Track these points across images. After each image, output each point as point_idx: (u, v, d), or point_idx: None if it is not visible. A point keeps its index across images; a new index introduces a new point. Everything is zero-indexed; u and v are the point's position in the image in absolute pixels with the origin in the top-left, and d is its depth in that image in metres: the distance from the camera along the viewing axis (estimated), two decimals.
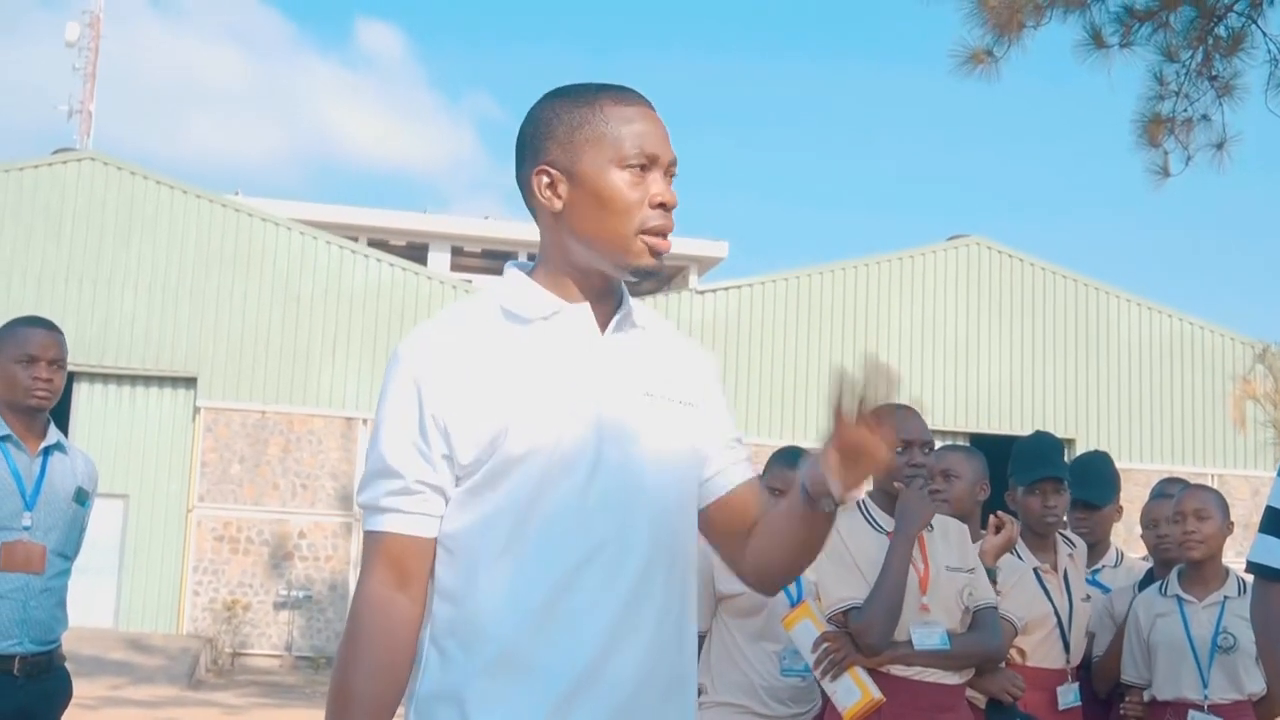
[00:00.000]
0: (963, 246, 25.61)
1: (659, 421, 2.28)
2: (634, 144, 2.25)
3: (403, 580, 2.19)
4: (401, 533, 2.20)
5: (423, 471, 2.19)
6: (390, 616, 2.17)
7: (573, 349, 2.25)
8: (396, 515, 2.20)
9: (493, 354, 2.21)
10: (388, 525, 2.20)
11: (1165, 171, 9.87)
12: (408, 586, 2.19)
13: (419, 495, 2.19)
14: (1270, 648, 2.74)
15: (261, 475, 22.61)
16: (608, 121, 2.26)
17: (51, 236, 22.31)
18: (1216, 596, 4.77)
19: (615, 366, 2.27)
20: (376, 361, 22.56)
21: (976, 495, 4.95)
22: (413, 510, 2.19)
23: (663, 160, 2.27)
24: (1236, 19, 9.50)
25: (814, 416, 23.96)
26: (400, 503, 2.19)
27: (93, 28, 36.71)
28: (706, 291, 24.89)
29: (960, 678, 4.15)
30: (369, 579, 2.20)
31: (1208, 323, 26.33)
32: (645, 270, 2.28)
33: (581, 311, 2.28)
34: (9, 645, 4.34)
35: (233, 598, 22.30)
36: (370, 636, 2.16)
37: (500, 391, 2.19)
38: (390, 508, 2.20)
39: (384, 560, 2.20)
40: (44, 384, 4.49)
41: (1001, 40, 9.39)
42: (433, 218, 41.36)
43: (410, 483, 2.19)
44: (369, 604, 2.18)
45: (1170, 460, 24.87)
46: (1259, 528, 2.77)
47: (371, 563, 2.21)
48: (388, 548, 2.20)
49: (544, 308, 2.26)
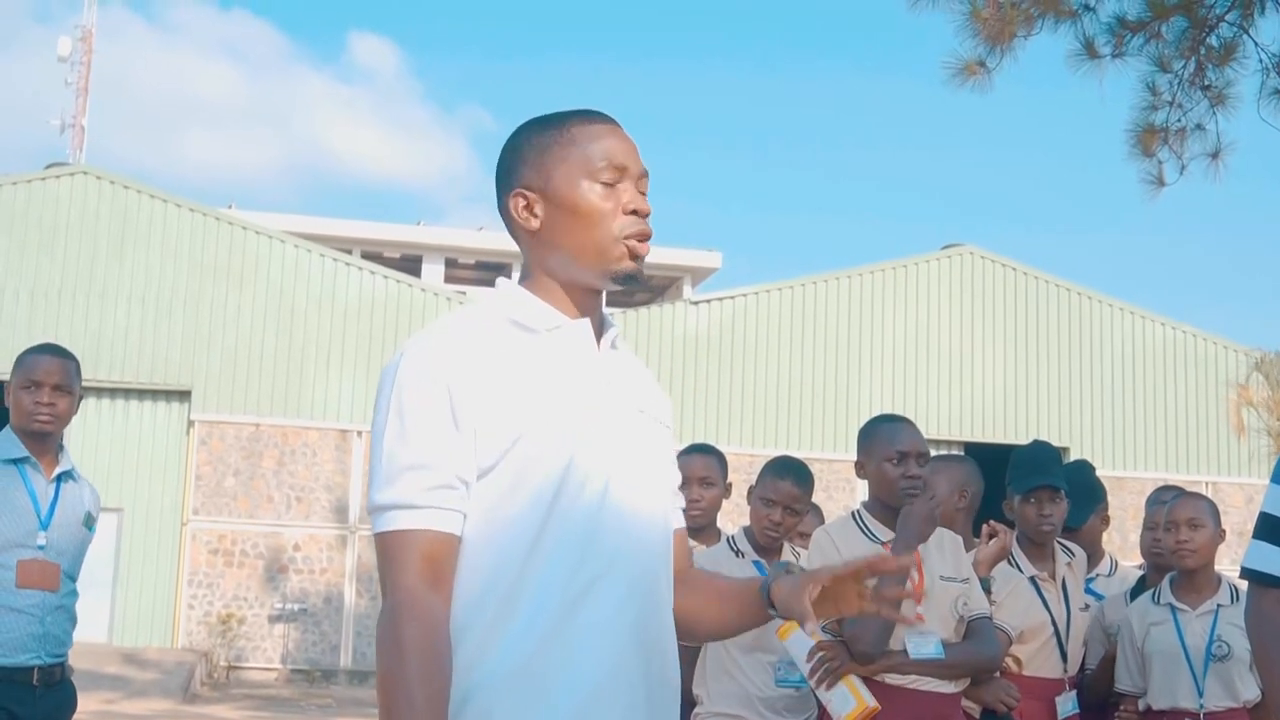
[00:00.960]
0: (957, 256, 25.64)
1: (652, 439, 2.36)
2: (601, 157, 2.31)
3: (437, 580, 2.11)
4: (439, 529, 2.12)
5: (460, 467, 2.14)
6: (434, 621, 2.08)
7: (579, 362, 2.28)
8: (434, 512, 2.12)
9: (511, 359, 2.22)
10: (424, 522, 2.11)
11: (1160, 181, 9.88)
12: (441, 587, 2.11)
13: (456, 491, 2.14)
14: (1265, 654, 2.74)
15: (256, 488, 22.59)
16: (575, 140, 2.32)
17: (45, 251, 22.31)
18: (1210, 604, 4.78)
19: (614, 382, 2.32)
20: (371, 373, 22.55)
21: (956, 503, 4.93)
22: (450, 506, 2.13)
23: (632, 172, 2.33)
24: (1228, 29, 9.52)
25: (808, 427, 23.97)
26: (438, 498, 2.12)
27: (85, 42, 36.71)
28: (700, 302, 24.90)
29: (956, 687, 4.16)
30: (405, 578, 2.09)
31: (1203, 331, 26.37)
32: (626, 275, 2.31)
33: (582, 327, 2.31)
34: (29, 658, 4.53)
35: (227, 611, 22.26)
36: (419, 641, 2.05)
37: (520, 395, 2.19)
38: (427, 504, 2.12)
39: (419, 558, 2.10)
40: (46, 408, 4.63)
41: (994, 51, 9.40)
42: (426, 230, 41.36)
43: (449, 477, 2.13)
44: (413, 605, 2.07)
45: (1166, 468, 24.89)
46: (1253, 534, 2.77)
47: (405, 561, 2.10)
48: (424, 545, 2.11)
49: (549, 320, 2.29)
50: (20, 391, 4.63)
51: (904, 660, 4.05)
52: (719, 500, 5.29)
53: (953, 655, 4.12)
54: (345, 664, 22.69)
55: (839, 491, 23.02)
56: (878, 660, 4.03)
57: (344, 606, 22.83)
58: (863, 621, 4.01)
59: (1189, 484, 22.06)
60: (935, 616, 4.14)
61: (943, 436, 23.97)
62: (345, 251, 27.31)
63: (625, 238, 2.28)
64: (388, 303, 23.38)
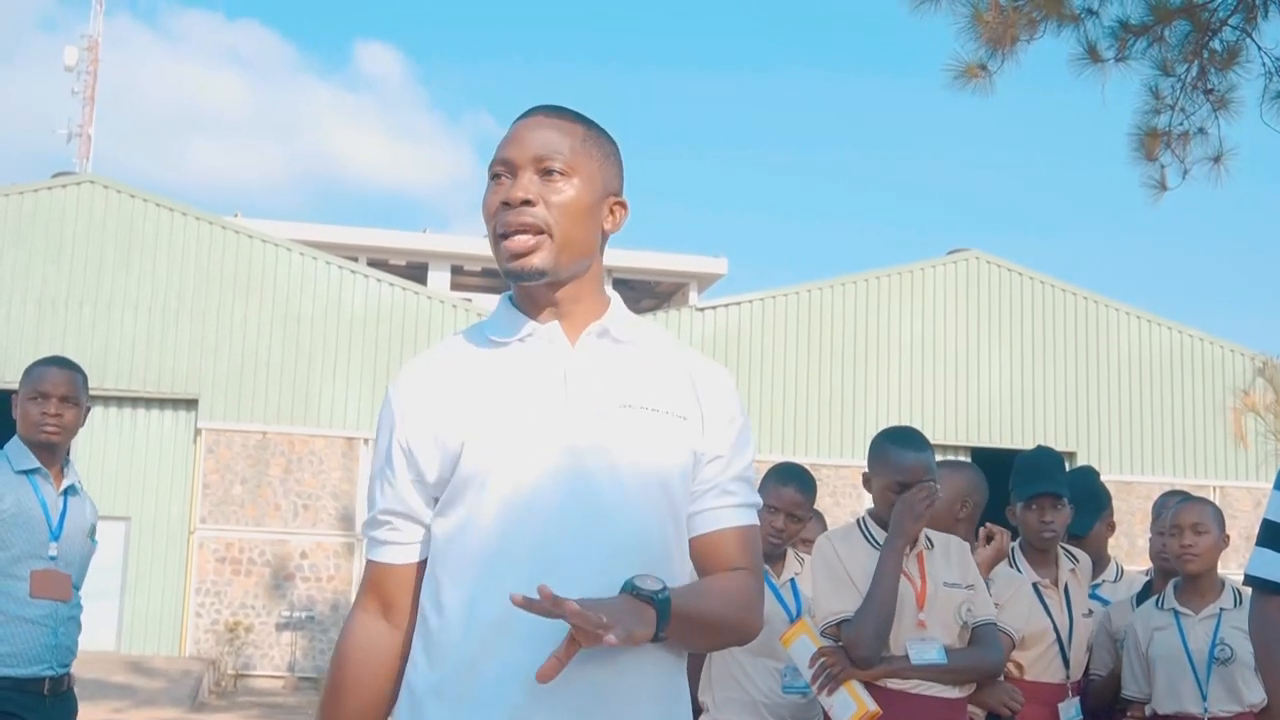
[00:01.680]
0: (962, 260, 25.63)
1: (636, 433, 2.25)
2: (496, 155, 2.31)
3: (385, 607, 2.32)
4: (379, 561, 2.34)
5: (390, 500, 2.30)
6: (368, 640, 2.32)
7: (540, 367, 2.27)
8: (375, 545, 2.34)
9: (460, 377, 2.27)
10: (371, 554, 2.36)
11: (1162, 185, 9.89)
12: (389, 613, 2.32)
13: (387, 525, 2.31)
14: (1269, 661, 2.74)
15: (263, 496, 22.61)
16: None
17: (51, 260, 22.34)
18: (1213, 609, 4.78)
19: (585, 380, 2.26)
20: (377, 381, 22.57)
21: (956, 512, 4.90)
22: (386, 540, 2.32)
23: (518, 160, 2.28)
24: (1231, 33, 9.53)
25: (814, 432, 23.96)
26: (378, 533, 2.33)
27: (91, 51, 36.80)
28: (706, 308, 24.90)
29: (960, 692, 4.15)
30: (355, 606, 2.36)
31: (1208, 335, 26.34)
32: (509, 273, 2.27)
33: (551, 330, 2.29)
34: (41, 669, 4.59)
35: (235, 619, 22.28)
36: (348, 659, 2.32)
37: (460, 412, 2.24)
38: (371, 538, 2.35)
39: (368, 588, 2.35)
40: (53, 419, 4.70)
41: (995, 54, 9.41)
42: (432, 237, 41.40)
43: (378, 513, 2.33)
44: (350, 630, 2.33)
45: (1171, 473, 24.87)
46: (1256, 540, 2.77)
47: (360, 590, 2.38)
48: (371, 576, 2.35)
49: (517, 329, 2.30)
50: (28, 402, 4.69)
51: (906, 665, 4.05)
52: None
53: (955, 661, 4.10)
54: None
55: (845, 497, 23.01)
56: (877, 665, 4.02)
57: None
58: (859, 623, 4.01)
59: (1196, 488, 22.04)
60: (938, 622, 4.13)
61: (948, 441, 23.96)
62: (351, 259, 27.35)
63: (500, 236, 2.27)
64: (394, 310, 23.40)
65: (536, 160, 2.26)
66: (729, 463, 2.33)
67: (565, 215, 2.25)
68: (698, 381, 2.34)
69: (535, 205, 2.24)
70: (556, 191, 2.25)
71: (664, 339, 2.41)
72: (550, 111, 2.33)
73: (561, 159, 2.26)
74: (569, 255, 2.26)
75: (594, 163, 2.31)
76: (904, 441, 4.20)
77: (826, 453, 23.62)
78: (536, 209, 2.24)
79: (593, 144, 2.32)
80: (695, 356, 2.41)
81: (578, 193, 2.27)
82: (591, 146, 2.32)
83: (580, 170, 2.28)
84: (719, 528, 2.31)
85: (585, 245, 2.29)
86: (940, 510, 4.78)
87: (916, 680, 4.05)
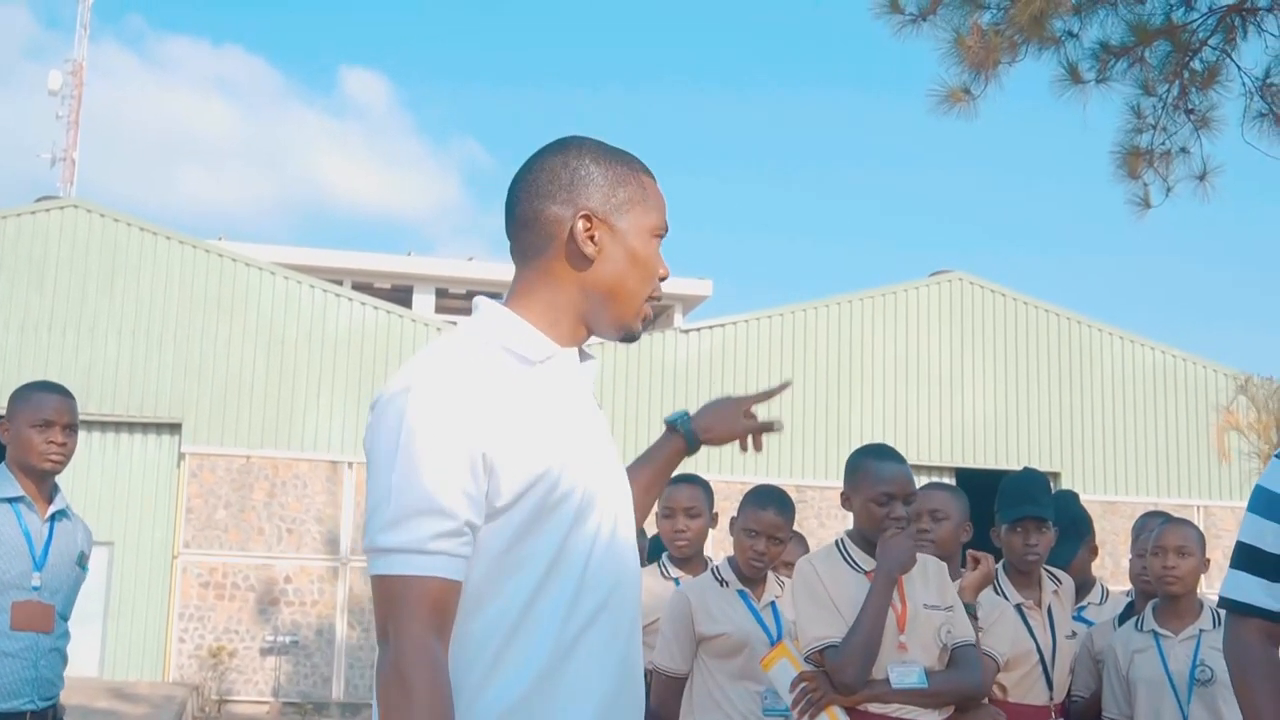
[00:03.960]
0: (946, 282, 25.69)
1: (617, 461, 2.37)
2: (663, 217, 2.35)
3: (442, 628, 2.08)
4: (448, 577, 2.08)
5: (472, 512, 2.10)
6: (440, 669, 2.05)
7: (573, 393, 2.28)
8: (445, 559, 2.08)
9: (522, 395, 2.18)
10: (434, 569, 2.07)
11: (1146, 203, 9.93)
12: (445, 635, 2.08)
13: (464, 538, 2.10)
14: (1244, 683, 2.75)
15: (247, 520, 22.53)
16: (646, 189, 2.35)
17: (35, 284, 22.28)
18: (1192, 630, 4.78)
19: (597, 416, 2.34)
20: (362, 404, 22.52)
21: (960, 536, 4.94)
22: (458, 553, 2.09)
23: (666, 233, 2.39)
24: (1211, 53, 9.57)
25: (799, 454, 23.96)
26: (448, 544, 2.08)
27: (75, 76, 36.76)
28: (691, 330, 24.91)
29: (940, 715, 4.13)
30: (413, 625, 2.04)
31: (1190, 354, 26.41)
32: (633, 335, 2.38)
33: (570, 356, 2.31)
34: (20, 703, 4.48)
35: (219, 644, 22.17)
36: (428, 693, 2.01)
37: (539, 432, 2.16)
38: (438, 550, 2.07)
39: (428, 606, 2.06)
40: (58, 448, 4.66)
41: (978, 78, 9.44)
42: (417, 260, 41.38)
43: (461, 524, 2.09)
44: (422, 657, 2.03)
45: (1157, 493, 24.90)
46: (1230, 563, 2.78)
47: (413, 607, 2.05)
48: (434, 592, 2.06)
49: (542, 350, 2.26)
50: (30, 430, 4.60)
51: (887, 690, 4.03)
52: (705, 531, 5.29)
53: (936, 684, 4.09)
54: (337, 696, 22.59)
55: (830, 518, 23.00)
56: (860, 690, 4.01)
57: (336, 639, 22.75)
58: (845, 651, 4.00)
59: (1180, 508, 22.08)
60: (918, 645, 4.11)
61: (933, 462, 23.98)
62: (336, 282, 27.31)
63: (650, 297, 2.36)
64: (378, 333, 23.36)
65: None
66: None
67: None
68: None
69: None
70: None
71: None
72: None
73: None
74: None
75: None
76: (883, 455, 4.23)
77: (811, 474, 23.62)
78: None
79: None
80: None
81: None
82: None
83: None
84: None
85: None
86: (948, 535, 4.79)
87: (897, 704, 4.04)
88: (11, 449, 4.63)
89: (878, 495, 4.13)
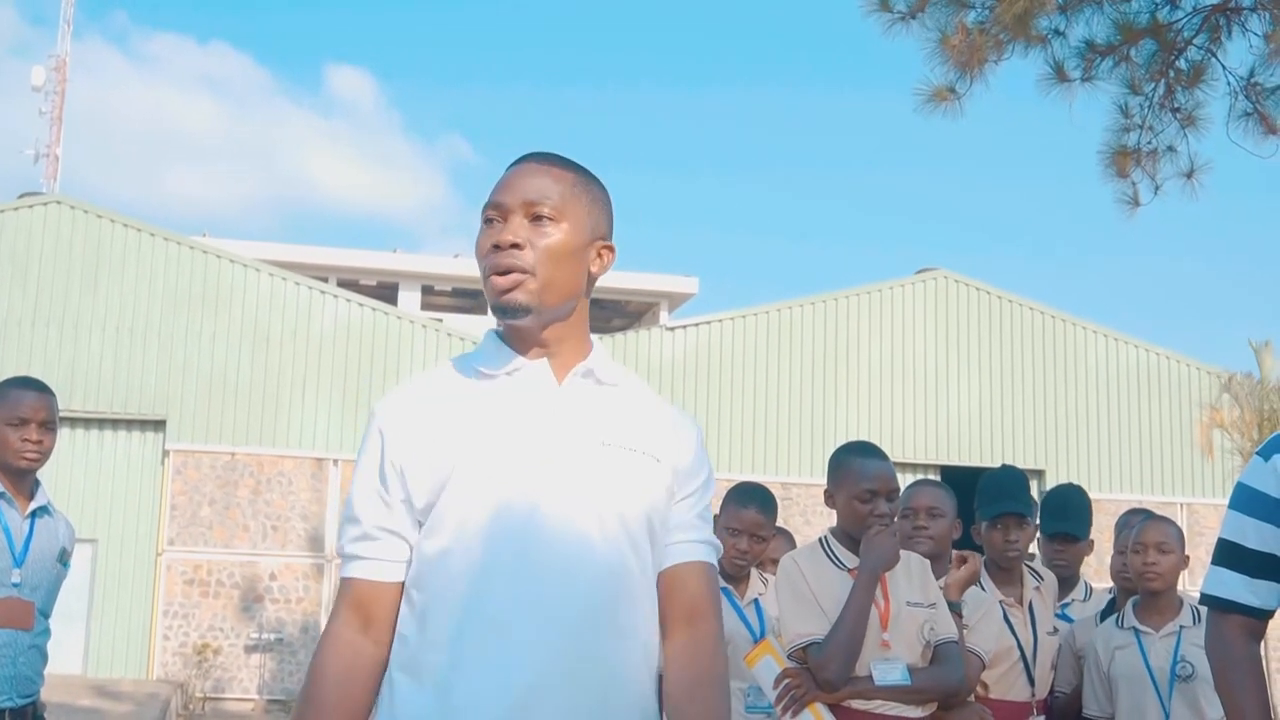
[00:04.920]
0: (931, 280, 25.72)
1: (614, 471, 2.34)
2: (489, 199, 2.41)
3: (365, 624, 2.31)
4: (363, 578, 2.33)
5: (381, 517, 2.31)
6: (351, 657, 2.30)
7: (527, 401, 2.35)
8: (359, 561, 2.33)
9: (450, 405, 2.33)
10: (353, 571, 2.34)
11: (1135, 201, 9.94)
12: (370, 630, 2.31)
13: (378, 541, 2.33)
14: (1225, 679, 2.76)
15: (231, 517, 22.48)
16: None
17: (18, 281, 22.21)
18: (1173, 626, 4.79)
19: (569, 416, 2.35)
20: (347, 402, 22.50)
21: (952, 533, 4.95)
22: (372, 556, 2.32)
23: (509, 204, 2.39)
24: (1196, 52, 9.59)
25: (784, 451, 23.98)
26: (362, 549, 2.33)
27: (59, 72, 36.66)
28: (677, 328, 24.91)
29: (923, 712, 4.13)
30: (334, 621, 2.32)
31: (1173, 353, 26.49)
32: (500, 308, 2.37)
33: (539, 367, 2.38)
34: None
35: (203, 641, 22.13)
36: (329, 675, 2.28)
37: (449, 439, 2.30)
38: (355, 554, 2.34)
39: (348, 604, 2.33)
40: (34, 446, 4.64)
41: (964, 77, 9.45)
42: (403, 257, 41.32)
43: (369, 528, 2.33)
44: (332, 645, 2.31)
45: (1140, 490, 24.98)
46: (1211, 560, 2.79)
47: (338, 606, 2.34)
48: (352, 592, 2.33)
49: (506, 364, 2.38)
50: (6, 428, 4.59)
51: (870, 687, 4.03)
52: None
53: (919, 681, 4.09)
54: None
55: (815, 516, 23.02)
56: (842, 688, 4.01)
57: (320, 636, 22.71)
58: (828, 648, 4.00)
59: (1163, 506, 22.16)
60: (901, 642, 4.11)
61: (917, 460, 24.02)
62: (321, 279, 27.26)
63: (489, 275, 2.37)
64: (364, 330, 23.33)
65: (526, 205, 2.38)
66: (696, 503, 2.47)
67: (550, 258, 2.36)
68: (672, 426, 2.47)
69: (523, 249, 2.36)
70: (544, 236, 2.37)
71: (643, 386, 2.53)
72: (542, 159, 2.44)
73: (550, 205, 2.38)
74: (552, 295, 2.37)
75: (582, 208, 2.42)
76: (866, 452, 4.24)
77: (796, 472, 23.64)
78: (523, 252, 2.36)
79: (582, 190, 2.43)
80: (669, 405, 2.54)
81: (564, 237, 2.38)
82: (580, 192, 2.43)
83: (568, 215, 2.39)
84: (686, 560, 2.43)
85: (569, 287, 2.40)
86: (944, 532, 4.80)
87: (880, 701, 4.04)
88: None
89: (861, 492, 4.13)
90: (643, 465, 2.38)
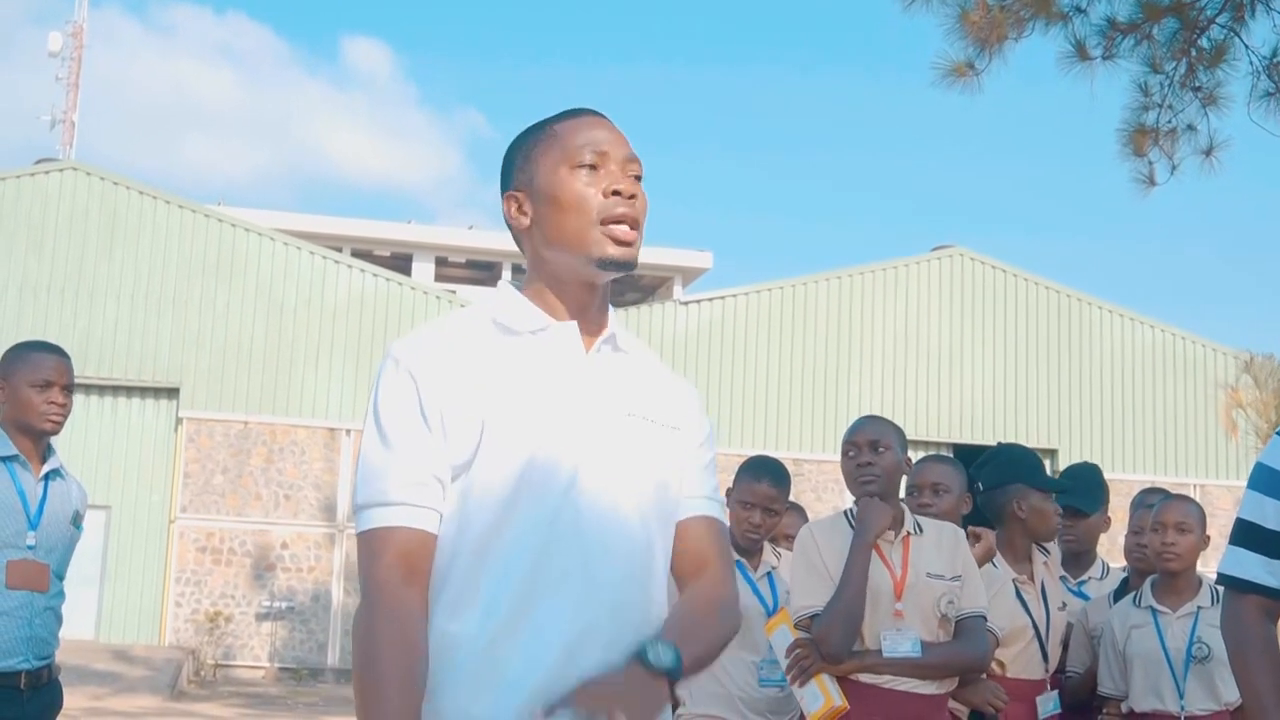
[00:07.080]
0: (947, 257, 25.66)
1: (641, 442, 2.31)
2: (581, 144, 2.29)
3: (411, 575, 2.12)
4: (413, 526, 2.13)
5: (432, 464, 2.16)
6: (408, 612, 2.09)
7: (558, 364, 2.27)
8: (407, 509, 2.14)
9: (482, 359, 2.23)
10: (399, 519, 2.13)
11: (1151, 180, 9.89)
12: (415, 582, 2.13)
13: (429, 488, 2.16)
14: (1241, 660, 2.74)
15: (244, 486, 22.55)
16: (556, 135, 2.32)
17: (34, 247, 22.25)
18: (1190, 607, 4.77)
19: (599, 385, 2.30)
20: (360, 371, 22.53)
21: (961, 509, 4.92)
22: (422, 503, 2.15)
23: (615, 156, 2.29)
24: (1219, 30, 9.53)
25: (798, 427, 23.98)
26: (411, 495, 2.14)
27: (76, 38, 36.64)
28: (690, 302, 24.89)
29: (939, 688, 4.08)
30: (380, 573, 2.10)
31: (1189, 333, 26.42)
32: (611, 261, 2.26)
33: (568, 329, 2.30)
34: (16, 662, 4.46)
35: (215, 609, 22.23)
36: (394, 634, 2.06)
37: (486, 394, 2.20)
38: (401, 500, 2.14)
39: (394, 554, 2.12)
40: (58, 409, 4.63)
41: (983, 53, 9.40)
42: (417, 228, 41.32)
43: (422, 474, 2.15)
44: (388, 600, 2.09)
45: (1153, 470, 24.94)
46: (1230, 540, 2.77)
47: (380, 557, 2.12)
48: (399, 541, 2.12)
49: (533, 322, 2.29)
50: (30, 390, 4.58)
51: (878, 659, 4.02)
52: None
53: (931, 655, 4.04)
54: (333, 662, 22.66)
55: (828, 492, 23.04)
56: (846, 660, 4.00)
57: (331, 605, 22.81)
58: (826, 619, 4.00)
59: (1177, 486, 22.10)
60: (915, 613, 4.06)
61: (933, 438, 24.00)
62: (335, 249, 27.29)
63: (603, 221, 2.24)
64: (377, 301, 23.35)
65: (629, 161, 2.30)
66: (705, 463, 2.43)
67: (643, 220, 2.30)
68: (682, 395, 2.43)
69: (638, 200, 2.28)
70: (643, 195, 2.29)
71: (649, 351, 2.48)
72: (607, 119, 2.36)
73: (641, 165, 2.32)
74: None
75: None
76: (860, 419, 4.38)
77: (810, 447, 23.64)
78: (639, 204, 2.28)
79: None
80: (673, 373, 2.49)
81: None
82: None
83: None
84: (698, 514, 2.38)
85: None
86: (950, 508, 4.78)
87: (890, 676, 4.02)
88: (9, 408, 4.61)
89: (845, 449, 4.22)
90: (663, 436, 2.34)
